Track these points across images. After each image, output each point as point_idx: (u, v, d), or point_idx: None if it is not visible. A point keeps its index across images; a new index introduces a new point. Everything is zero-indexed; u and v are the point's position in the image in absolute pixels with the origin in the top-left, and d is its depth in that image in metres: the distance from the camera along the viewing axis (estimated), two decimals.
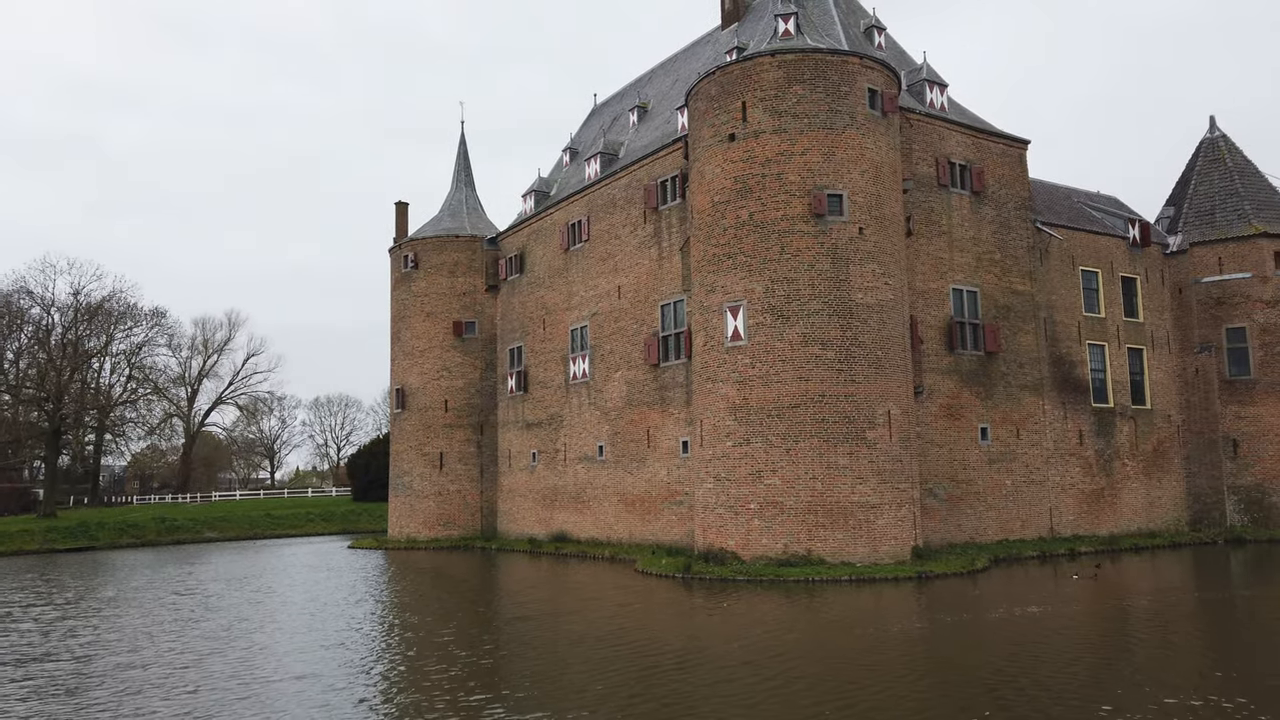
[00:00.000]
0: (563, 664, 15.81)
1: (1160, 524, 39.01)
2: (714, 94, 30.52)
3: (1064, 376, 37.00)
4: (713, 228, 30.11)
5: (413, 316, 47.52)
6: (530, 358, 44.49)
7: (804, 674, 14.54)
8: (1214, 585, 25.90)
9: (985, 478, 33.83)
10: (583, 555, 36.87)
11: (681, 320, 34.96)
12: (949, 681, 14.11)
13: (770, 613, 21.23)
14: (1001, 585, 25.31)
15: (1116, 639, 17.87)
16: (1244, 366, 39.44)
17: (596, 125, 48.60)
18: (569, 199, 42.53)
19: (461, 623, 20.74)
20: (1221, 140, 43.20)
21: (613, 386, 38.56)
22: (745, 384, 28.63)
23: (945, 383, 33.30)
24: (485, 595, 27.17)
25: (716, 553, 28.69)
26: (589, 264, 40.62)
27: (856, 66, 29.71)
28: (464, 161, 51.90)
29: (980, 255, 35.07)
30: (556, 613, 22.33)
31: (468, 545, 44.78)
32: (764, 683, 13.93)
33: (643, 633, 18.90)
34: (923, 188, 33.82)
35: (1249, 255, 39.61)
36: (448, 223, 49.21)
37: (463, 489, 46.41)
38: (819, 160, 28.82)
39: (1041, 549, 32.95)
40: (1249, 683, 13.48)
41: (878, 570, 26.45)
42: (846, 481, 27.62)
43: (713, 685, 13.98)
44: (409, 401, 47.13)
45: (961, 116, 36.26)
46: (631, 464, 37.24)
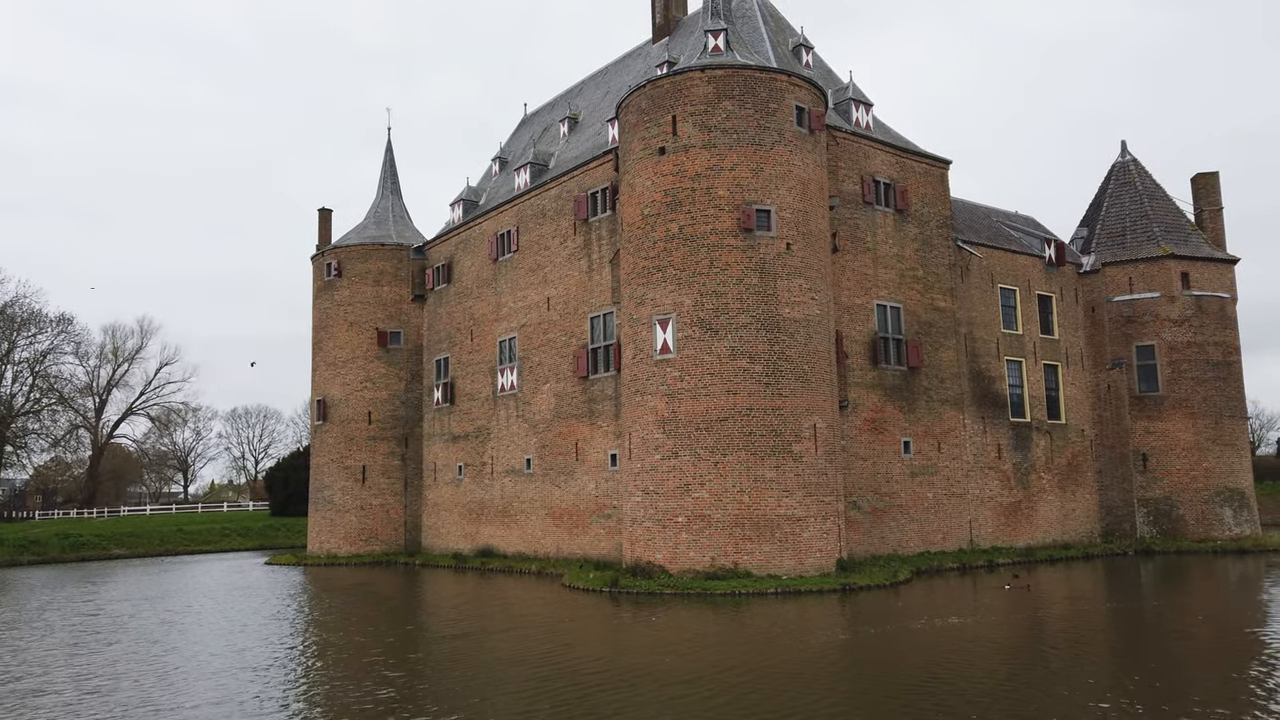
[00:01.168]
0: (493, 684, 15.46)
1: (1074, 536, 40.18)
2: (644, 107, 30.59)
3: (983, 391, 37.91)
4: (643, 240, 30.12)
5: (335, 326, 46.51)
6: (457, 369, 43.89)
7: (731, 688, 14.48)
8: (1124, 595, 26.69)
9: (908, 490, 34.41)
10: (509, 570, 36.40)
11: (611, 333, 34.87)
12: (873, 693, 14.21)
13: (698, 627, 21.18)
14: (923, 596, 25.73)
15: (1032, 648, 18.28)
16: (1153, 383, 40.94)
17: (527, 135, 48.36)
18: (498, 209, 42.16)
19: (386, 642, 20.16)
20: (1132, 164, 44.92)
21: (541, 399, 38.25)
22: (674, 397, 28.64)
23: (869, 397, 33.81)
24: (410, 613, 26.57)
25: (644, 566, 28.58)
26: (518, 275, 40.29)
27: (785, 84, 30.09)
28: (390, 168, 51.11)
29: (903, 272, 35.76)
30: (485, 630, 21.91)
31: (391, 561, 43.87)
32: (692, 698, 13.84)
33: (572, 649, 18.66)
34: (848, 205, 34.37)
35: (1157, 276, 41.19)
36: (373, 230, 48.35)
37: (386, 503, 45.48)
38: (748, 176, 29.06)
39: (961, 560, 33.62)
40: (1155, 689, 13.88)
41: (803, 582, 26.64)
42: (773, 494, 27.80)
43: (643, 701, 13.83)
44: (331, 413, 46.07)
45: (886, 136, 37.00)
46: (560, 477, 36.94)
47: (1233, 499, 40.35)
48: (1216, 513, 40.00)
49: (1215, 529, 39.76)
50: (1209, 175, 44.23)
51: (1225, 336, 41.27)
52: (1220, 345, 41.06)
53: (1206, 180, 44.16)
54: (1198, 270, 41.35)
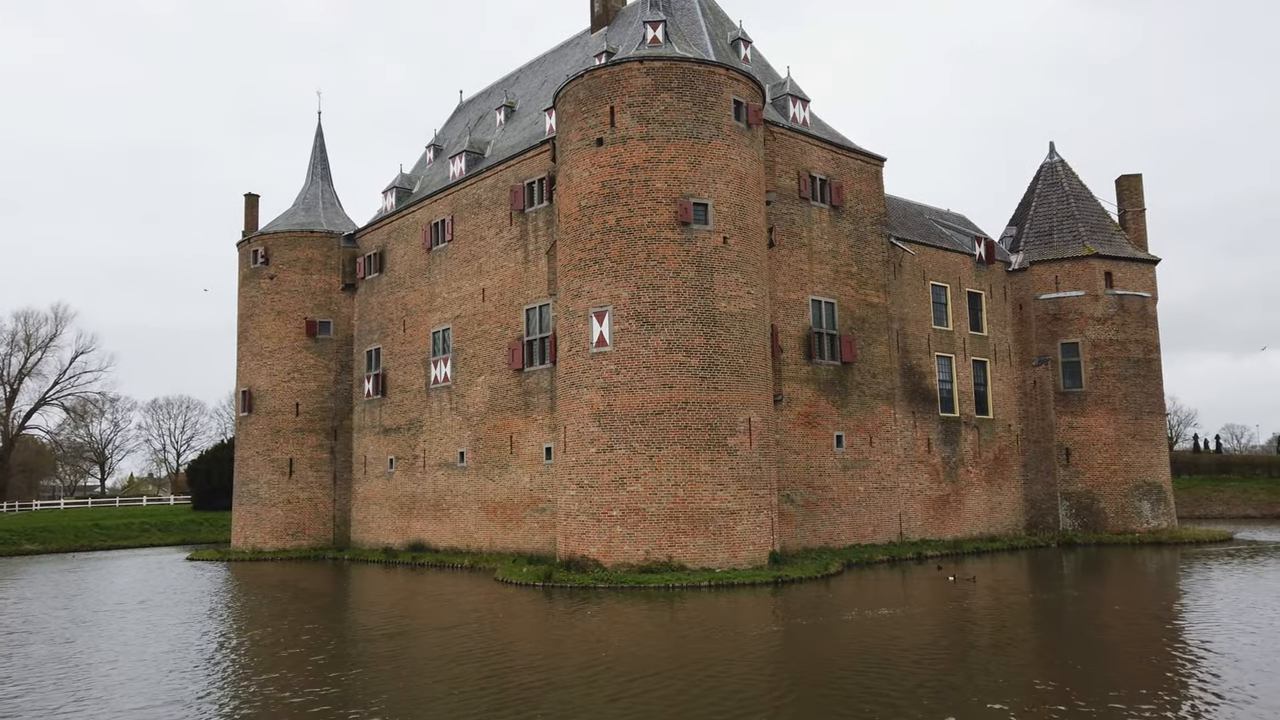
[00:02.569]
0: (427, 683, 15.08)
1: (1000, 528, 41.08)
2: (582, 97, 30.28)
3: (914, 387, 38.48)
4: (580, 232, 29.83)
5: (262, 315, 45.27)
6: (389, 360, 43.07)
7: (667, 681, 14.36)
8: (1046, 586, 27.36)
9: (840, 484, 34.76)
10: (441, 565, 35.86)
11: (547, 325, 34.51)
12: (806, 684, 14.25)
13: (632, 621, 21.06)
14: (854, 588, 26.03)
15: (960, 638, 18.67)
16: (1077, 379, 42.03)
17: (462, 123, 47.61)
18: (432, 197, 41.43)
19: (315, 641, 19.54)
20: (1060, 165, 46.01)
21: (475, 391, 37.72)
22: (610, 390, 28.45)
23: (803, 391, 34.04)
24: (341, 609, 25.92)
25: (578, 560, 28.36)
26: (452, 265, 39.65)
27: (723, 78, 30.04)
28: (320, 154, 49.89)
29: (838, 268, 36.07)
30: (418, 628, 21.41)
31: (318, 556, 42.92)
32: (629, 692, 13.67)
33: (507, 646, 18.36)
34: (784, 200, 34.52)
35: (1082, 275, 42.28)
36: (302, 217, 47.16)
37: (314, 497, 44.47)
38: (685, 169, 28.97)
39: (891, 553, 34.10)
40: (1076, 671, 14.26)
41: (736, 575, 26.70)
42: (708, 488, 27.81)
43: (580, 697, 13.62)
44: (257, 405, 44.85)
45: (822, 132, 37.25)
46: (494, 471, 36.49)
47: (1151, 493, 41.64)
48: (1135, 506, 41.25)
49: (1134, 522, 41.00)
50: (1133, 177, 45.52)
51: (1146, 335, 42.55)
52: (1141, 343, 42.32)
53: (1130, 182, 45.44)
54: (1120, 270, 42.54)
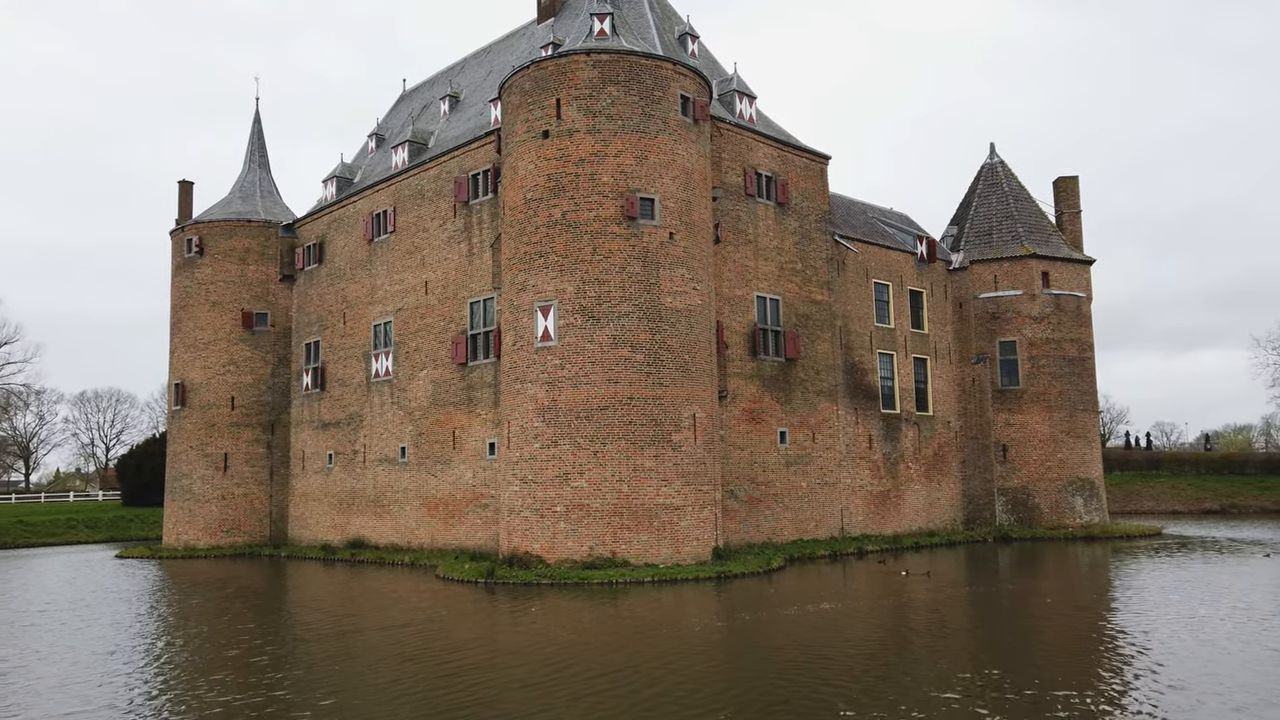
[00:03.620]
0: (367, 684, 14.72)
1: (938, 523, 41.73)
2: (528, 88, 29.96)
3: (856, 383, 38.87)
4: (525, 225, 29.53)
5: (196, 306, 44.08)
6: (328, 353, 42.24)
7: (612, 678, 14.23)
8: (983, 580, 27.86)
9: (783, 480, 34.97)
10: (381, 562, 35.30)
11: (491, 319, 34.14)
12: (750, 679, 14.23)
13: (576, 617, 20.92)
14: (795, 583, 26.22)
15: (899, 631, 19.03)
16: (1014, 377, 42.85)
17: (405, 112, 46.86)
18: (374, 187, 40.70)
19: (255, 642, 18.94)
20: (1000, 166, 46.83)
21: (417, 386, 37.17)
22: (554, 385, 28.23)
23: (748, 388, 34.16)
24: (279, 608, 25.31)
25: (521, 557, 28.11)
26: (394, 257, 39.01)
27: (670, 72, 29.95)
28: (258, 141, 48.72)
29: (783, 265, 36.26)
30: (360, 627, 20.93)
31: (254, 553, 41.97)
32: (572, 689, 13.51)
33: (449, 645, 18.06)
34: (731, 196, 34.58)
35: (1020, 274, 43.10)
36: (238, 205, 46.01)
37: (249, 492, 43.46)
38: (632, 163, 28.83)
39: (833, 548, 34.42)
40: (1010, 663, 14.56)
41: (680, 571, 26.70)
42: (652, 484, 27.75)
43: (524, 695, 13.42)
44: (190, 398, 43.68)
45: (769, 129, 37.38)
46: (436, 466, 36.01)
47: (1084, 489, 42.65)
48: (1069, 501, 42.21)
49: (1067, 517, 41.96)
50: (1069, 179, 46.52)
51: (1080, 334, 43.54)
52: (1076, 342, 43.29)
53: (1067, 184, 46.43)
54: (1057, 270, 43.45)
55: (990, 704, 12.45)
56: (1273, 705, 12.14)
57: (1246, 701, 12.42)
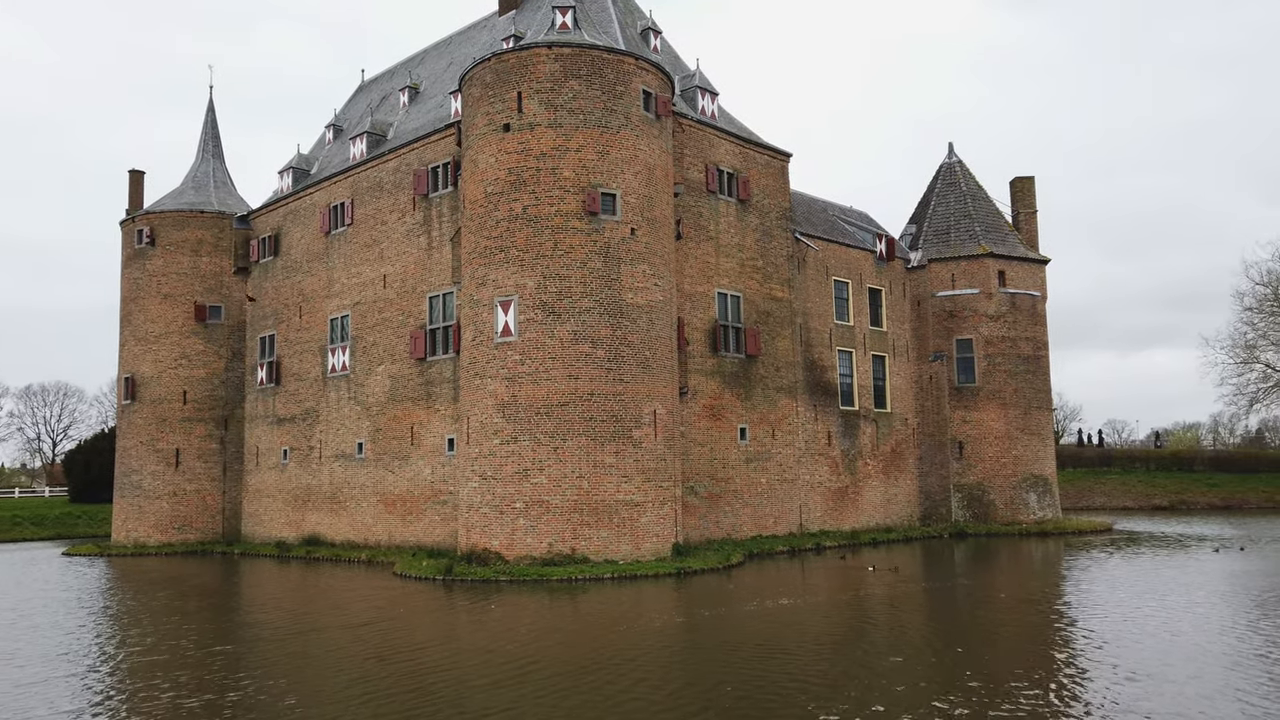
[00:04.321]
0: (324, 684, 14.46)
1: (895, 519, 42.13)
2: (489, 81, 29.68)
3: (816, 380, 39.09)
4: (485, 219, 29.26)
5: (147, 298, 43.15)
6: (284, 347, 41.58)
7: (572, 675, 14.14)
8: (939, 575, 28.18)
9: (743, 476, 35.07)
10: (337, 559, 34.85)
11: (450, 313, 33.80)
12: (710, 675, 14.23)
13: (536, 615, 20.80)
14: (755, 579, 26.32)
15: (857, 625, 19.22)
16: (970, 375, 43.36)
17: (364, 103, 46.23)
18: (331, 179, 40.11)
19: (211, 641, 18.49)
20: (958, 165, 47.33)
21: (375, 381, 36.72)
22: (514, 381, 28.02)
23: (708, 384, 34.19)
24: (233, 607, 24.85)
25: (480, 553, 27.89)
26: (352, 250, 38.48)
27: (632, 67, 29.83)
28: (212, 130, 47.80)
29: (744, 261, 36.33)
30: (319, 626, 20.57)
31: (207, 550, 41.23)
32: (532, 687, 13.39)
33: (407, 643, 17.81)
34: (692, 193, 34.56)
35: (977, 273, 43.60)
36: (191, 196, 45.10)
37: (202, 489, 42.67)
38: (593, 158, 28.68)
39: (791, 544, 34.60)
40: (961, 654, 14.74)
41: (640, 567, 26.66)
42: (612, 480, 27.66)
43: (484, 694, 13.26)
44: (141, 392, 42.77)
45: (730, 126, 37.41)
46: (393, 462, 35.60)
47: (1037, 485, 43.30)
48: (1023, 498, 42.83)
49: (1021, 513, 42.57)
50: (1025, 179, 47.13)
51: (1035, 332, 44.17)
52: (1031, 340, 43.91)
53: (1023, 184, 47.04)
54: (1013, 269, 44.02)
55: (950, 695, 12.58)
56: (1222, 693, 12.39)
57: (1201, 690, 12.70)
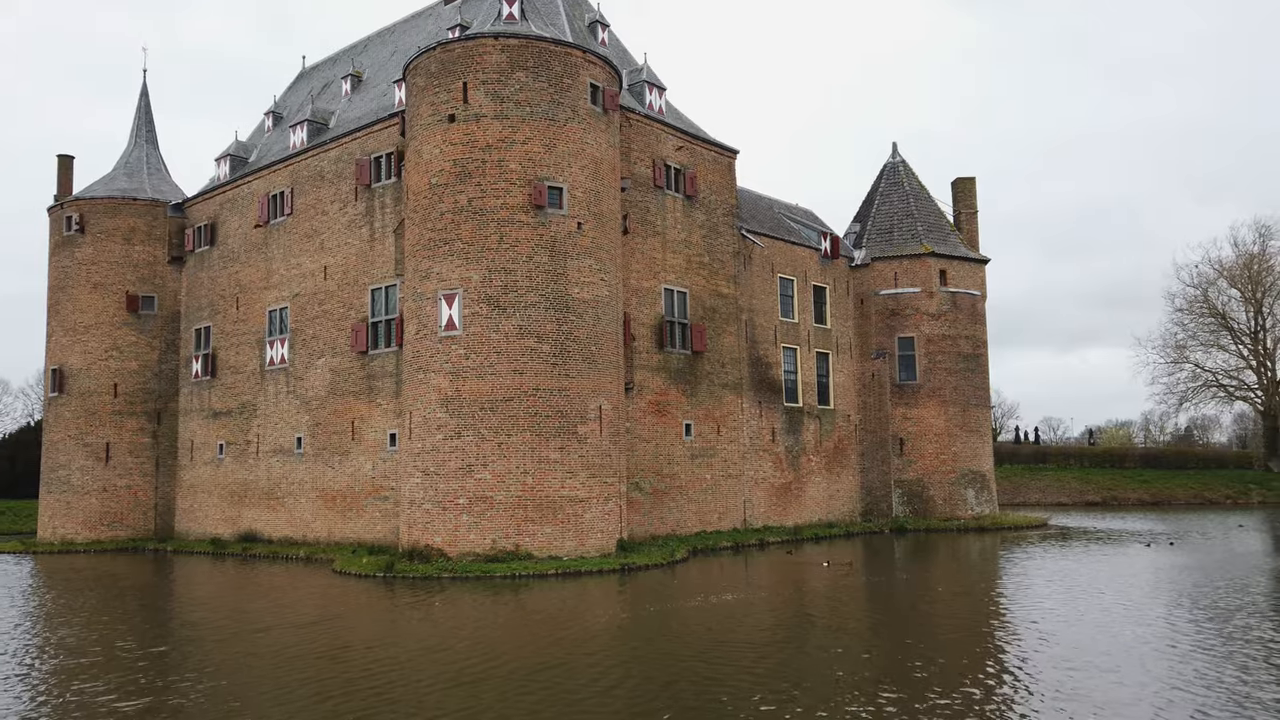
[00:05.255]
0: (260, 686, 14.07)
1: (838, 515, 42.57)
2: (434, 71, 29.24)
3: (761, 377, 39.30)
4: (429, 211, 28.84)
5: (76, 287, 41.77)
6: (220, 339, 40.58)
7: (516, 671, 13.96)
8: (879, 569, 28.55)
9: (687, 472, 35.12)
10: (275, 556, 34.11)
11: (393, 306, 33.27)
12: (662, 671, 14.20)
13: (479, 611, 20.58)
14: (699, 575, 26.36)
15: (799, 619, 19.44)
16: (911, 372, 43.97)
17: (304, 90, 45.28)
18: (270, 168, 39.21)
19: (145, 642, 17.84)
20: (901, 165, 47.93)
21: (315, 374, 36.00)
22: (458, 375, 27.68)
23: (654, 380, 34.16)
24: (168, 606, 24.12)
25: (422, 550, 27.51)
26: (292, 240, 37.66)
27: (580, 60, 29.63)
28: (146, 115, 46.42)
29: (691, 258, 36.35)
30: (258, 626, 20.00)
31: (138, 547, 40.08)
32: (472, 683, 13.20)
33: (348, 641, 17.44)
34: (639, 188, 34.46)
35: (919, 272, 44.22)
36: (123, 182, 43.76)
37: (133, 484, 41.47)
38: (540, 151, 28.43)
39: (735, 540, 34.74)
40: (903, 645, 14.87)
41: (584, 563, 26.54)
42: (557, 476, 27.48)
43: (427, 691, 13.02)
44: (69, 384, 41.40)
45: (678, 121, 37.40)
46: (333, 457, 34.95)
47: (975, 481, 44.09)
48: (961, 494, 43.58)
49: (960, 509, 43.32)
50: (966, 180, 47.92)
51: (975, 331, 44.94)
52: (971, 339, 44.67)
53: (964, 184, 47.82)
54: (954, 268, 44.73)
55: (895, 685, 12.73)
56: (1159, 680, 12.73)
57: (1140, 678, 13.07)
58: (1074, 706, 11.83)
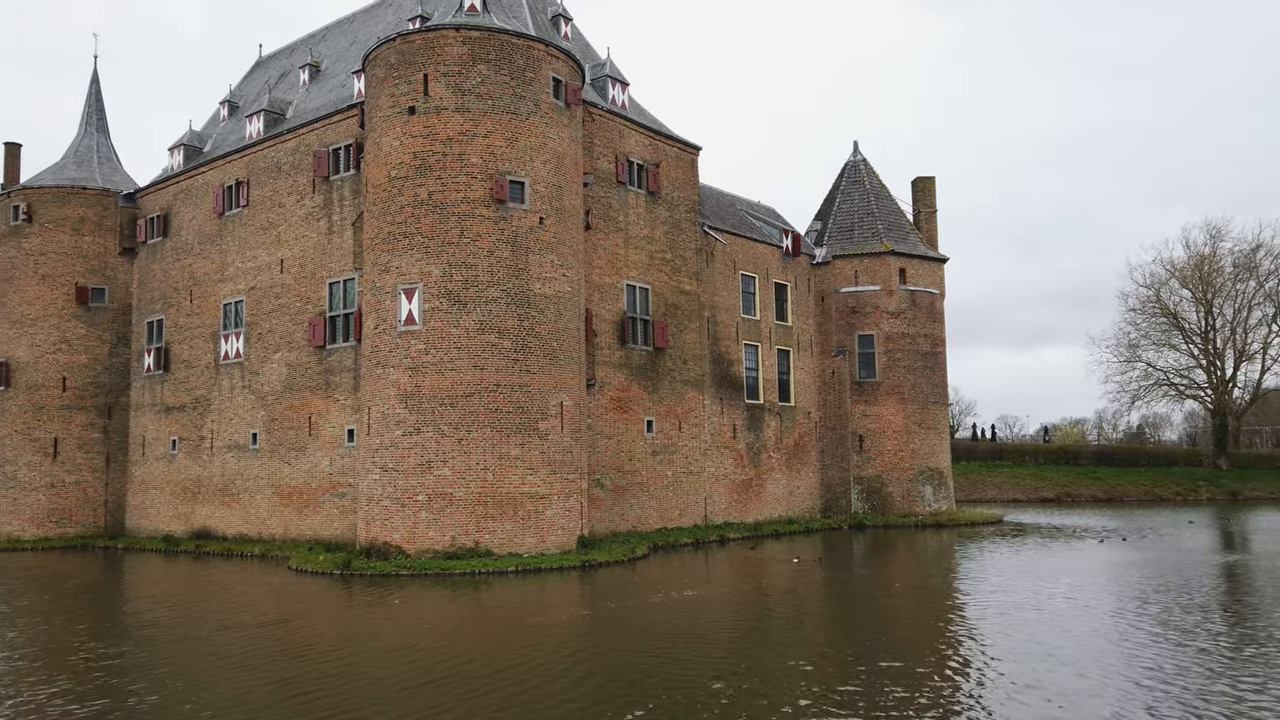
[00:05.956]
0: (212, 687, 13.77)
1: (798, 511, 42.79)
2: (394, 62, 28.85)
3: (723, 374, 39.36)
4: (389, 204, 28.47)
5: (23, 278, 40.70)
6: (173, 333, 39.78)
7: (476, 670, 13.81)
8: (838, 565, 28.74)
9: (649, 469, 35.08)
10: (229, 553, 33.54)
11: (352, 301, 32.82)
12: (619, 665, 14.18)
13: (438, 609, 20.41)
14: (660, 571, 26.37)
15: (759, 615, 19.57)
16: (871, 370, 44.30)
17: (261, 79, 44.49)
18: (226, 158, 38.49)
19: (98, 643, 17.37)
20: (863, 164, 48.24)
21: (271, 369, 35.43)
22: (418, 371, 27.37)
23: (616, 376, 34.06)
24: (120, 605, 23.58)
25: (380, 547, 27.19)
26: (248, 232, 37.01)
27: (542, 53, 29.40)
28: (96, 102, 45.33)
29: (653, 254, 36.28)
30: (212, 627, 19.59)
31: (88, 545, 39.20)
32: (432, 682, 13.01)
33: (304, 639, 17.16)
34: (602, 183, 34.32)
35: (879, 270, 44.54)
36: (73, 171, 42.72)
37: (83, 480, 40.53)
38: (502, 145, 28.18)
39: (696, 536, 34.81)
40: (860, 643, 15.10)
41: (544, 560, 26.40)
42: (518, 472, 27.30)
43: (386, 691, 12.82)
44: (15, 378, 40.34)
45: (641, 117, 37.29)
46: (290, 453, 34.42)
47: (933, 478, 44.55)
48: (919, 490, 44.01)
49: (917, 505, 43.74)
50: (926, 179, 48.34)
51: (934, 329, 45.37)
52: (929, 337, 45.09)
53: (924, 184, 48.24)
54: (914, 267, 45.11)
55: (852, 676, 12.79)
56: (1114, 673, 12.95)
57: (1095, 669, 13.35)
58: (1032, 696, 12.03)
